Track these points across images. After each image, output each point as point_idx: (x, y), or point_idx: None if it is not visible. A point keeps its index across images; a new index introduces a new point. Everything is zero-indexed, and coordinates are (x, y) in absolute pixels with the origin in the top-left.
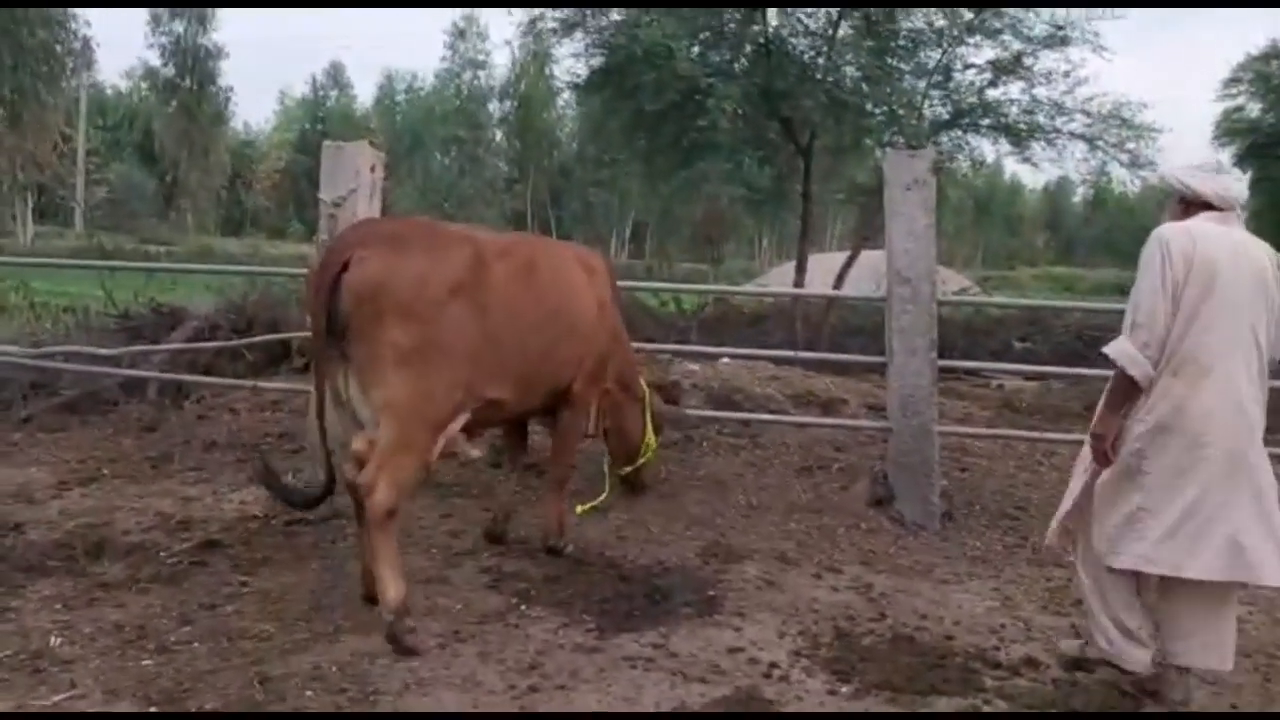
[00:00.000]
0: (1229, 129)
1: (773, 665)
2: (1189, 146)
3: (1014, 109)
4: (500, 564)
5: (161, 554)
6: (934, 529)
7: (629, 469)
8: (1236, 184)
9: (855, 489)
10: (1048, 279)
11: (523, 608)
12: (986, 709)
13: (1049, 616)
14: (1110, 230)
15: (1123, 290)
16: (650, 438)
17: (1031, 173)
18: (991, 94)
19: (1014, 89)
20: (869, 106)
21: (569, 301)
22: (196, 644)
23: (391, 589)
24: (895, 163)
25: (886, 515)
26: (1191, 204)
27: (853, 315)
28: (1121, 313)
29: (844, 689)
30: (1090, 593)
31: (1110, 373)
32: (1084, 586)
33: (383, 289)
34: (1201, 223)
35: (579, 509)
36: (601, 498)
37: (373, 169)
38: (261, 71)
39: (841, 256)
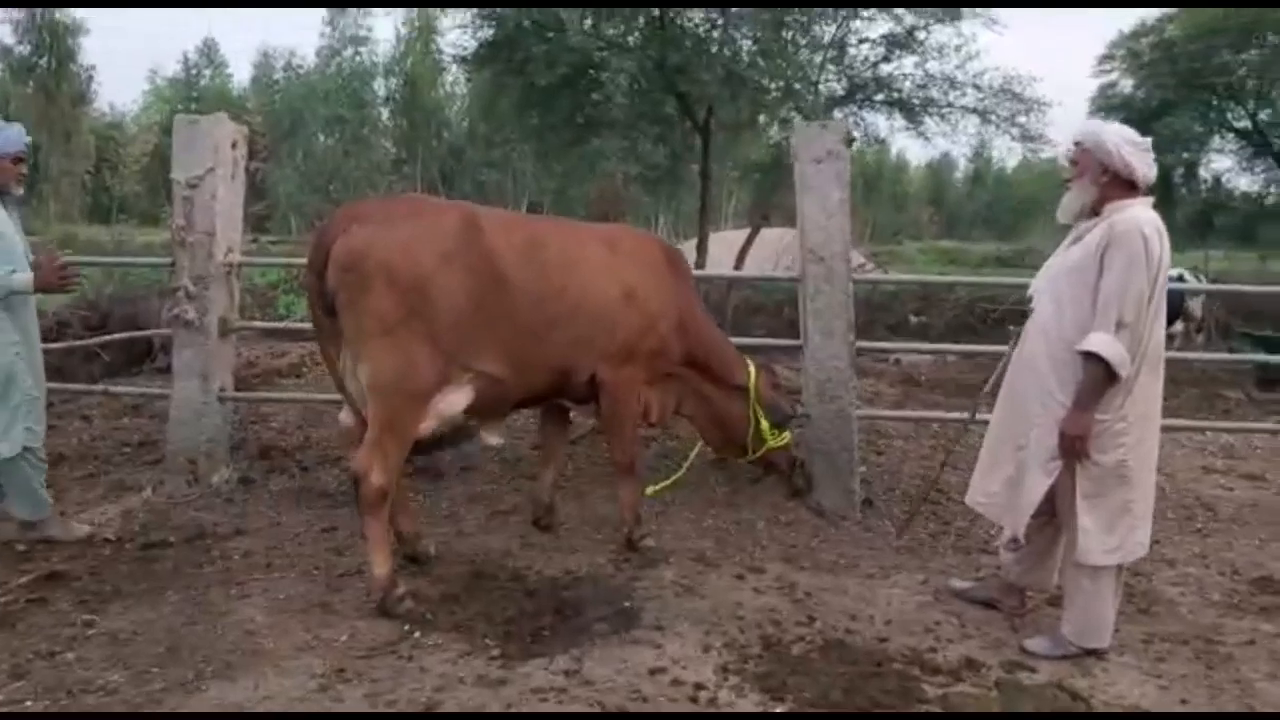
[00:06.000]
0: (1104, 104)
1: (699, 686)
2: (1073, 120)
3: (908, 84)
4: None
5: None
6: (855, 518)
7: (749, 459)
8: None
9: (771, 480)
10: (934, 253)
11: (417, 635)
12: None
13: (982, 609)
14: (990, 205)
15: (1003, 262)
16: (765, 428)
17: (916, 149)
18: (885, 69)
19: (907, 63)
20: (765, 81)
21: (578, 281)
22: (30, 702)
23: (379, 567)
24: (806, 135)
25: (806, 506)
26: (1122, 183)
27: (753, 294)
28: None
29: (778, 709)
30: (1093, 594)
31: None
32: (1082, 589)
33: (366, 258)
34: (1152, 212)
35: (648, 490)
36: (672, 479)
37: (234, 145)
38: (128, 49)
39: (738, 234)
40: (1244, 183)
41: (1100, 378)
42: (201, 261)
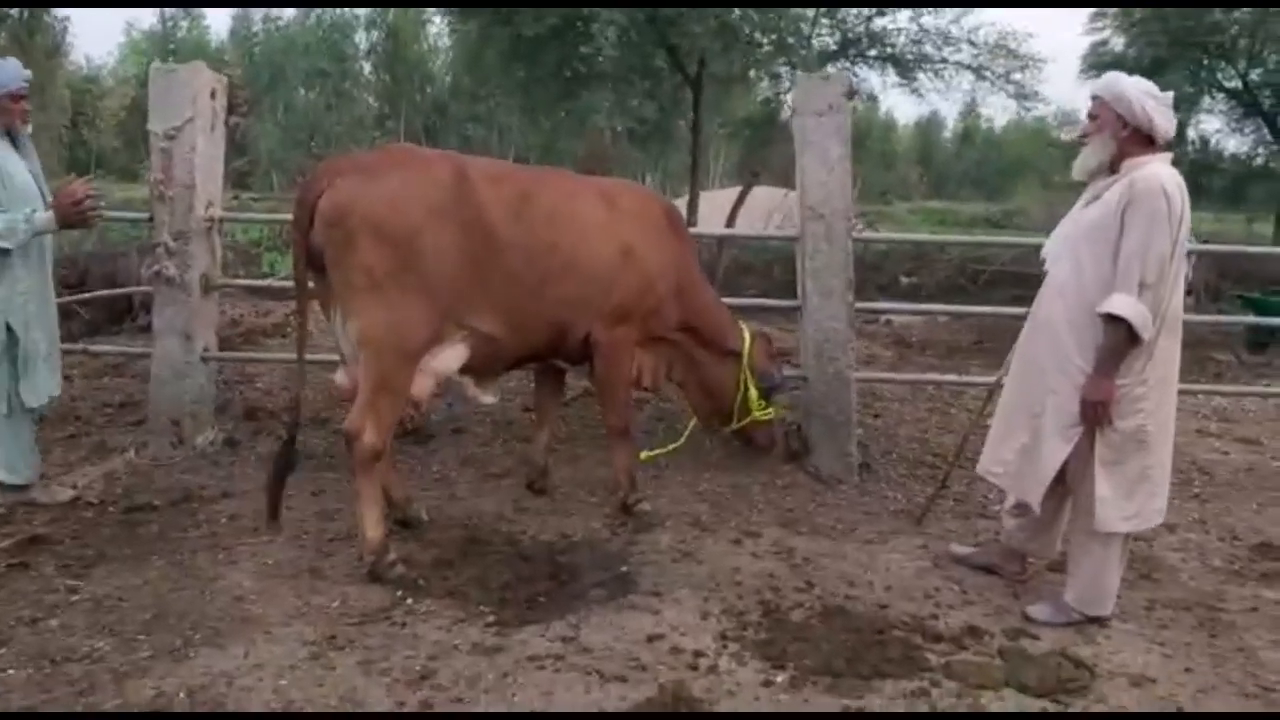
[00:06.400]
0: (1095, 62)
1: (698, 654)
2: (1063, 78)
3: (901, 38)
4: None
5: None
6: (852, 482)
7: (731, 428)
8: None
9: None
10: (923, 213)
11: (410, 601)
12: (935, 691)
13: (982, 575)
14: (979, 164)
15: (993, 223)
16: (753, 398)
17: (906, 108)
18: (879, 23)
19: (901, 17)
20: (757, 35)
21: (570, 237)
22: (12, 671)
23: (371, 530)
24: (806, 88)
25: (802, 470)
26: (1142, 139)
27: (743, 254)
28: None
29: (779, 677)
30: (1101, 561)
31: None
32: (1091, 556)
33: (352, 212)
34: (1172, 168)
35: (642, 455)
36: (669, 447)
37: (213, 95)
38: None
39: (726, 194)
40: (1233, 144)
41: (1122, 341)
42: (181, 216)
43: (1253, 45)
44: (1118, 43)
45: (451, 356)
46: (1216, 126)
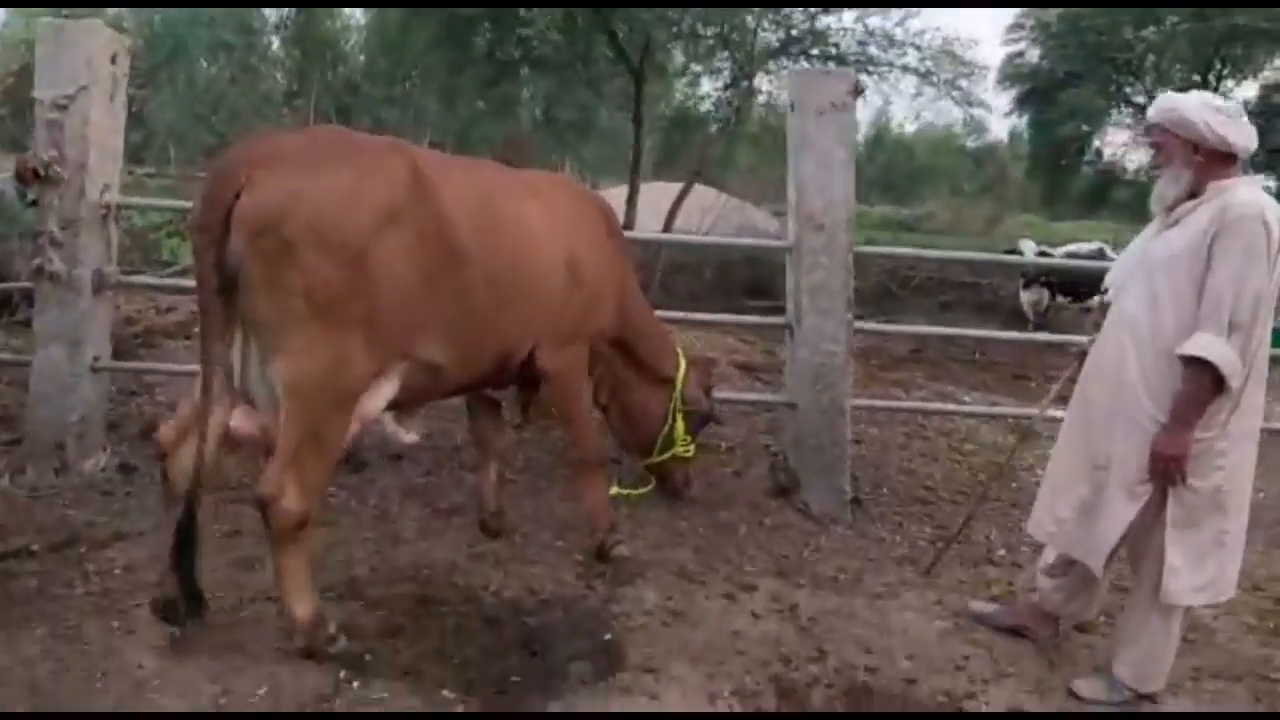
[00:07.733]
0: (1011, 74)
1: None
2: (979, 89)
3: (846, 38)
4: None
5: None
6: (846, 522)
7: (648, 461)
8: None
9: (750, 475)
10: None
11: (356, 685)
12: None
13: (1007, 638)
14: (887, 169)
15: (904, 226)
16: (679, 430)
17: None
18: (824, 20)
19: (848, 17)
20: (699, 27)
21: (527, 246)
22: None
23: (300, 607)
24: (808, 83)
25: (791, 507)
26: (1220, 157)
27: (676, 253)
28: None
29: None
30: (1161, 634)
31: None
32: (1150, 629)
33: (288, 218)
34: (1266, 194)
35: (612, 490)
36: (642, 490)
37: (113, 59)
38: None
39: (655, 188)
40: (1139, 157)
41: (1207, 387)
42: (71, 202)
43: (1159, 63)
44: (1033, 54)
45: (381, 394)
46: (1124, 140)
